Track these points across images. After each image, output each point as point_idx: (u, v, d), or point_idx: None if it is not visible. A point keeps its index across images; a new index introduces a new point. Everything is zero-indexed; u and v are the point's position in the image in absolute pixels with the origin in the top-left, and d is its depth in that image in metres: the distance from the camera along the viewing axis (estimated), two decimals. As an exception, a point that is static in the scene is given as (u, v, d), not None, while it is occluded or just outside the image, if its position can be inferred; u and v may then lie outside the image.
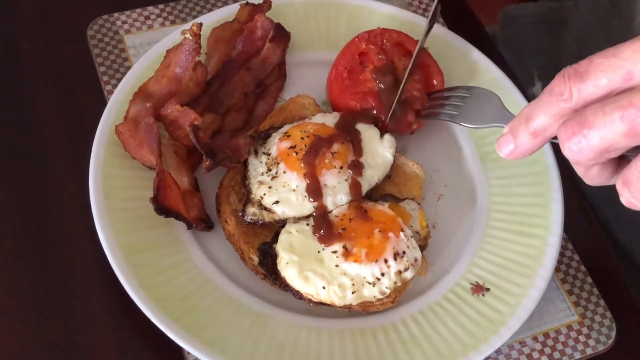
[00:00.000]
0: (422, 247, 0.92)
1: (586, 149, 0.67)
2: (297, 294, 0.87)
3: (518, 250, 0.95)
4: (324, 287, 0.86)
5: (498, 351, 0.92)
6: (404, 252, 0.88)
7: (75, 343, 0.88)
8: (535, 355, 0.92)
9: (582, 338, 0.94)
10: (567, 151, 0.69)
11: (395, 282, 0.87)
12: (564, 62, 1.27)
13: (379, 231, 0.88)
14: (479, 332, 0.88)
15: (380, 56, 1.02)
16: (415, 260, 0.89)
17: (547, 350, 0.93)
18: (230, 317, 0.87)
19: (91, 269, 0.92)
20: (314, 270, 0.86)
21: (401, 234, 0.89)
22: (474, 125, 0.93)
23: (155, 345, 0.88)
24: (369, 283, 0.86)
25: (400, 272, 0.87)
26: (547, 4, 1.33)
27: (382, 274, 0.87)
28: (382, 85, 0.99)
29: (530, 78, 1.32)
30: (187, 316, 0.85)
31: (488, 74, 1.07)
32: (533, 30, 1.33)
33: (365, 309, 0.88)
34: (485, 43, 1.15)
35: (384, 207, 0.92)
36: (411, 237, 0.90)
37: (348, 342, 0.87)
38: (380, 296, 0.87)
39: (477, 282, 0.93)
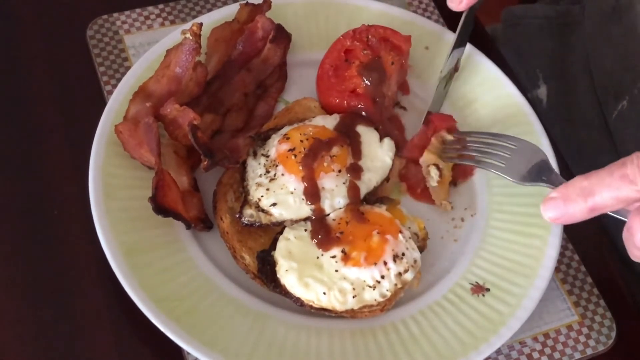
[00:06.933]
0: (421, 249, 0.91)
1: None
2: (298, 301, 0.86)
3: (518, 250, 0.95)
4: (324, 293, 0.85)
5: (498, 351, 0.92)
6: (403, 254, 0.88)
7: (75, 343, 0.88)
8: (535, 355, 0.92)
9: (582, 338, 0.94)
10: None
11: (396, 284, 0.87)
12: (572, 67, 1.27)
13: (377, 233, 0.88)
14: (479, 332, 0.88)
15: (365, 52, 1.01)
16: (415, 261, 0.89)
17: (547, 350, 0.93)
18: (230, 317, 0.87)
19: (91, 269, 0.92)
20: (314, 276, 0.86)
21: (400, 235, 0.89)
22: (520, 182, 0.89)
23: (155, 345, 0.88)
24: (370, 286, 0.86)
25: (400, 273, 0.87)
26: (554, 6, 1.32)
27: (382, 277, 0.86)
28: (368, 82, 0.99)
29: (535, 80, 1.31)
30: (187, 316, 0.85)
31: (488, 73, 1.07)
32: (538, 33, 1.32)
33: (353, 316, 0.88)
34: (485, 43, 1.15)
35: (381, 210, 0.92)
36: (409, 238, 0.90)
37: (348, 342, 0.87)
38: (381, 299, 0.86)
39: (477, 282, 0.93)
